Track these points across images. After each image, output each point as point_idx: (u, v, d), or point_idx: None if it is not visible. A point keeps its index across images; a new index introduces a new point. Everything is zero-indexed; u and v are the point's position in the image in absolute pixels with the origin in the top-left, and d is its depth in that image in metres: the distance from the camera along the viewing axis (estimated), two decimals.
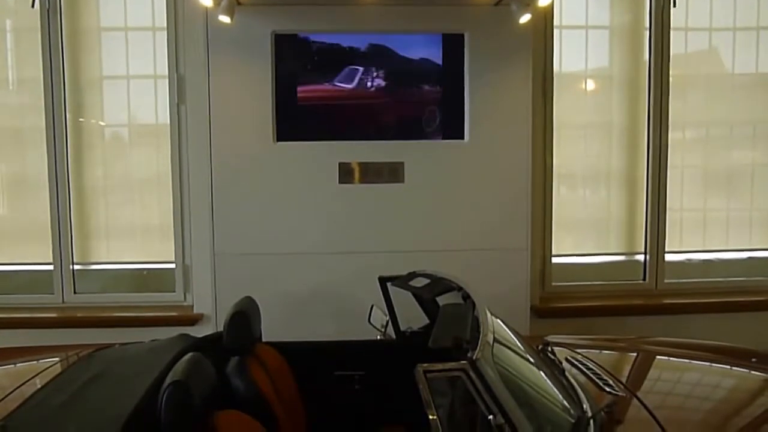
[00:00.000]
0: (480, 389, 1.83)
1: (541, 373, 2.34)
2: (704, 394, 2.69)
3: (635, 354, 3.07)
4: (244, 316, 2.64)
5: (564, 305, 4.25)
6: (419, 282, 2.85)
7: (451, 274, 2.85)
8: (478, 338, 2.04)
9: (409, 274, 3.01)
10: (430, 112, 3.88)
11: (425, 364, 1.85)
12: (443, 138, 3.91)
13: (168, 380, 1.90)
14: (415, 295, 3.03)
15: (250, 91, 3.82)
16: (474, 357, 1.88)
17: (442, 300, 2.79)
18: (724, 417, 2.42)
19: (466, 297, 2.55)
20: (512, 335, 2.39)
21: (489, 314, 2.31)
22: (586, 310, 4.22)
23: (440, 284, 2.75)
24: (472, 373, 1.84)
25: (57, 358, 2.88)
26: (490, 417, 1.79)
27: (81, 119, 4.23)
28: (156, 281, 4.29)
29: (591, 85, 4.51)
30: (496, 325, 2.28)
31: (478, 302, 2.40)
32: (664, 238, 4.47)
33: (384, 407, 3.07)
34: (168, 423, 1.88)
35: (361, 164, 3.85)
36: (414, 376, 1.88)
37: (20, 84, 4.30)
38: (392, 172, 3.84)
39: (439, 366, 1.86)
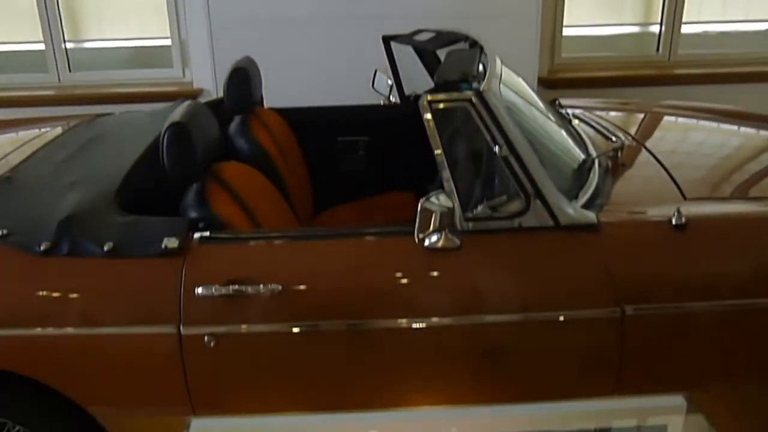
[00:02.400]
0: (486, 120, 1.78)
1: (548, 118, 2.29)
2: (711, 150, 2.68)
3: (644, 114, 3.02)
4: (244, 72, 2.55)
5: (573, 76, 4.14)
6: (424, 37, 2.72)
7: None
8: (486, 75, 1.95)
9: (414, 31, 2.87)
10: None
11: (430, 95, 1.79)
12: None
13: (167, 123, 1.86)
14: (419, 51, 2.91)
15: None
16: (481, 88, 1.81)
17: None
18: (730, 169, 2.41)
19: (474, 44, 2.44)
20: (520, 81, 2.31)
21: (498, 60, 2.21)
22: (596, 81, 4.11)
23: (446, 36, 2.62)
24: (478, 104, 1.78)
25: (58, 125, 2.85)
26: (496, 148, 1.76)
27: None
28: (153, 59, 4.16)
29: None
30: (504, 70, 2.19)
31: (486, 48, 2.29)
32: (682, 7, 4.22)
33: (388, 173, 3.08)
34: (170, 166, 1.86)
35: None
36: (418, 140, 1.82)
37: None
38: None
39: (445, 96, 1.79)
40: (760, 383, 1.88)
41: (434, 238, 1.75)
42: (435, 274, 1.77)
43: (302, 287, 1.74)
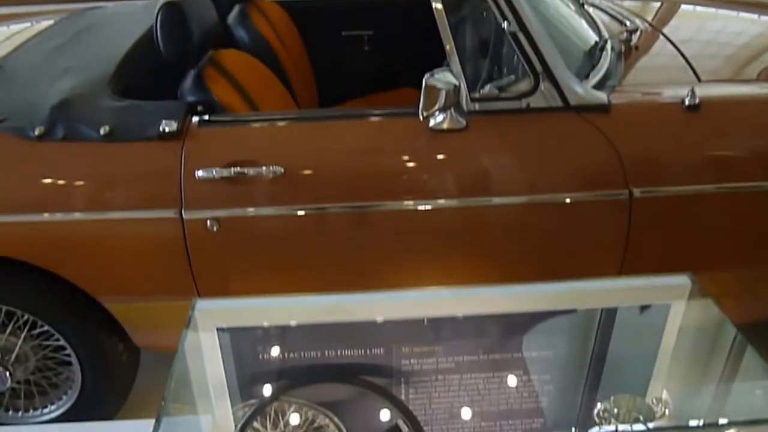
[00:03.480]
0: None
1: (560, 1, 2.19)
2: (729, 38, 2.58)
3: (661, 2, 2.90)
4: None
5: None
6: None
7: None
8: None
9: None
10: None
11: None
12: None
13: (160, 3, 1.78)
14: None
15: None
16: None
17: None
18: (749, 57, 2.32)
19: None
20: None
21: None
22: None
23: None
24: None
25: (50, 18, 2.76)
26: (504, 24, 1.69)
27: None
28: None
29: None
30: None
31: None
32: None
33: (395, 69, 2.99)
34: (165, 47, 1.80)
35: None
36: (425, 33, 1.74)
37: None
38: None
39: None
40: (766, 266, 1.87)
41: (440, 118, 1.70)
42: (440, 155, 1.73)
43: (304, 169, 1.71)
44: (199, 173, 1.69)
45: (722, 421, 1.47)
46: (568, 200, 1.73)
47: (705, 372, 1.58)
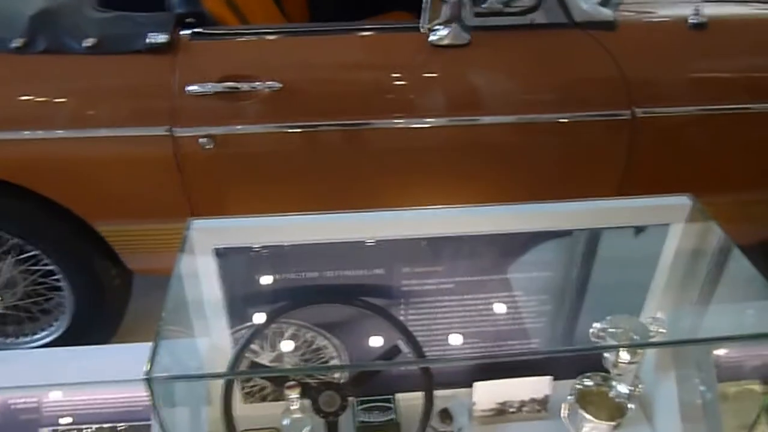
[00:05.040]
0: None
1: None
2: None
3: None
4: None
5: None
6: None
7: None
8: None
9: None
10: None
11: None
12: None
13: None
14: None
15: None
16: None
17: None
18: None
19: None
20: None
21: None
22: None
23: None
24: None
25: None
26: None
27: None
28: None
29: None
30: None
31: None
32: None
33: None
34: None
35: None
36: None
37: None
38: None
39: None
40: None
41: (442, 33, 1.65)
42: (442, 71, 1.68)
43: (301, 85, 1.65)
44: (192, 88, 1.62)
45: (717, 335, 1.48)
46: (569, 119, 1.70)
47: (702, 292, 1.58)
